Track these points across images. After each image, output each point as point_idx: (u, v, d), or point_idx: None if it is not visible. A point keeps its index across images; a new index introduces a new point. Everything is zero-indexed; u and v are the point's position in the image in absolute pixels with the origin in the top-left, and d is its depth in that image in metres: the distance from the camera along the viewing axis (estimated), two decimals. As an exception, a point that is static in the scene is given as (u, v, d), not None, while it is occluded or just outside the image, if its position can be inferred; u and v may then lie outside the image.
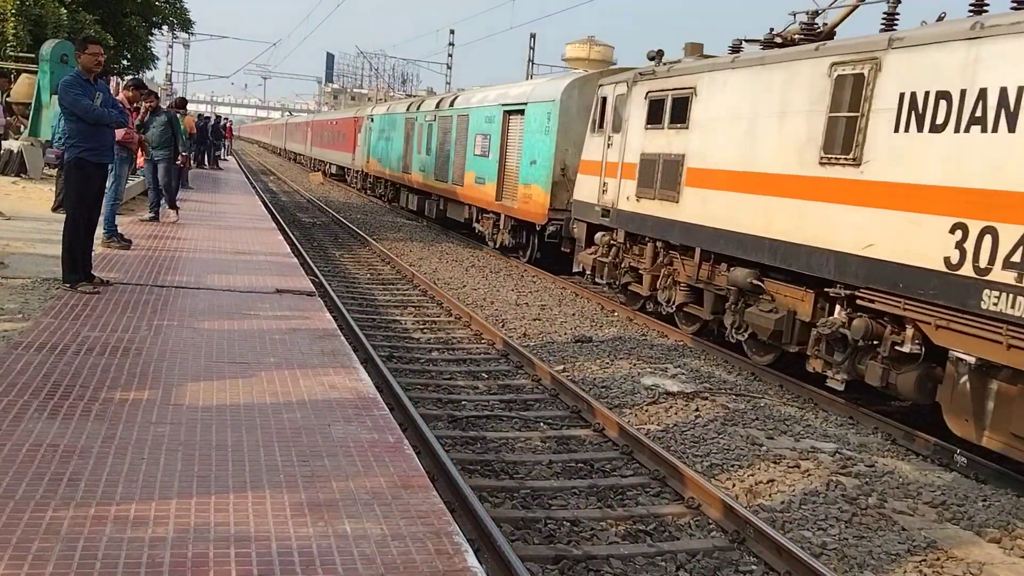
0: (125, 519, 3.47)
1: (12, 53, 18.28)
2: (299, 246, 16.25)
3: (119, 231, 10.72)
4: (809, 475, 6.56)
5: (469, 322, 11.26)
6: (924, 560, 5.36)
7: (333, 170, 43.32)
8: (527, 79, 33.90)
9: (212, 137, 31.65)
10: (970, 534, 5.81)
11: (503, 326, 11.22)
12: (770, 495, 6.20)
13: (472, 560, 3.47)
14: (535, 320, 11.78)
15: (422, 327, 11.02)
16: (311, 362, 6.23)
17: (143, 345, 6.22)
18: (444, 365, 9.21)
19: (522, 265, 17.40)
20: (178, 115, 18.85)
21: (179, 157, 14.49)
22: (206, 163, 30.00)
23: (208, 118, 35.14)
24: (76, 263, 7.79)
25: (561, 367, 9.27)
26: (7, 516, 3.39)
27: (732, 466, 6.70)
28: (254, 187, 27.80)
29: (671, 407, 8.09)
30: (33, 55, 16.39)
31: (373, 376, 6.87)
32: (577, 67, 27.02)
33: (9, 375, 5.16)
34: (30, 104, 16.74)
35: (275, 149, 76.78)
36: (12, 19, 18.31)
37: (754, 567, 5.12)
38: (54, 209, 13.00)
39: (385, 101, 47.14)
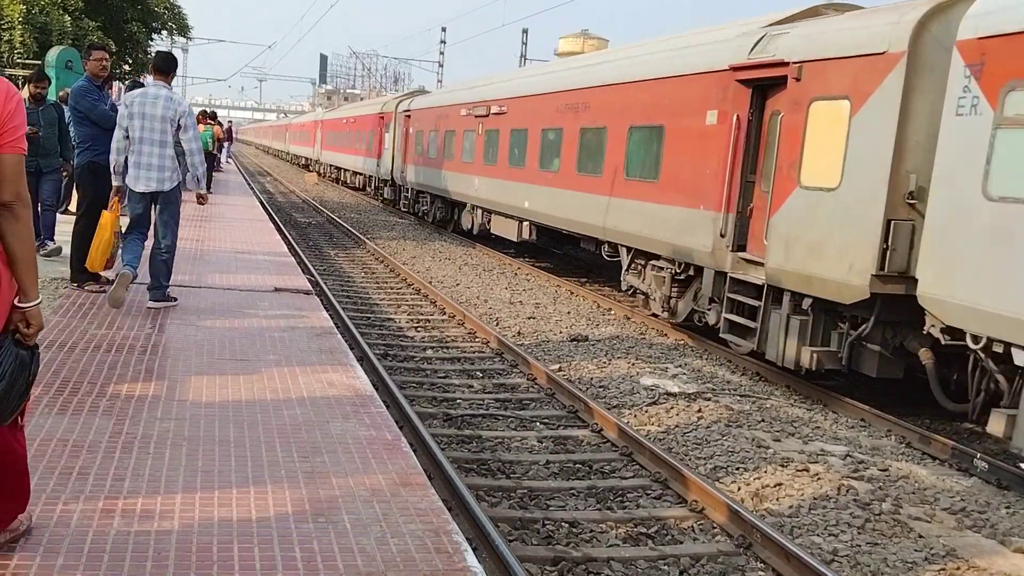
0: (132, 513, 3.56)
1: (19, 60, 18.41)
2: (295, 246, 16.34)
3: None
4: (819, 479, 6.32)
5: (463, 320, 11.31)
6: (943, 569, 5.12)
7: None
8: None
9: None
10: (992, 543, 5.52)
11: (497, 324, 11.26)
12: (777, 499, 6.01)
13: (472, 559, 3.51)
14: (529, 318, 11.79)
15: (416, 325, 11.08)
16: (309, 359, 6.32)
17: (148, 343, 6.33)
18: (439, 363, 9.26)
19: (515, 262, 17.08)
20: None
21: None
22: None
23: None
24: (85, 263, 7.86)
25: (556, 366, 9.27)
26: (19, 509, 3.47)
27: (737, 469, 6.52)
28: (252, 188, 27.87)
29: (672, 408, 7.91)
30: (39, 62, 16.49)
31: (369, 374, 6.95)
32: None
33: (20, 372, 5.25)
34: None
35: (277, 153, 72.00)
36: (19, 27, 18.47)
37: (761, 573, 5.00)
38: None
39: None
